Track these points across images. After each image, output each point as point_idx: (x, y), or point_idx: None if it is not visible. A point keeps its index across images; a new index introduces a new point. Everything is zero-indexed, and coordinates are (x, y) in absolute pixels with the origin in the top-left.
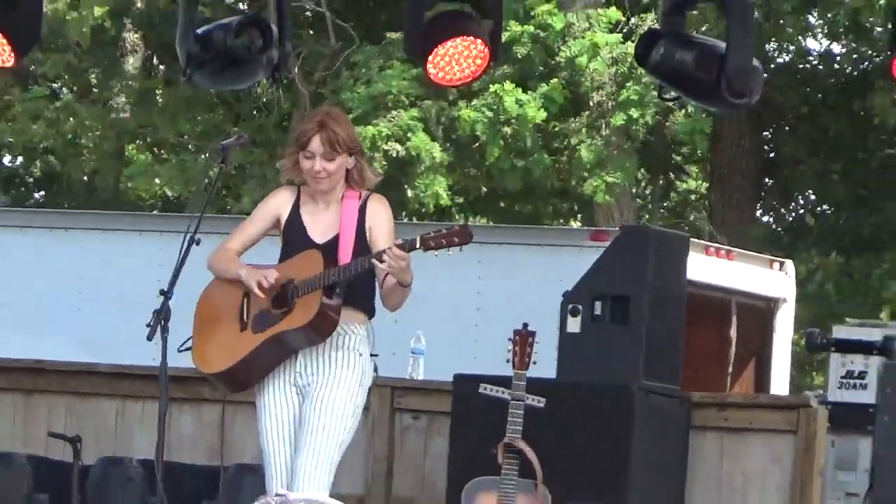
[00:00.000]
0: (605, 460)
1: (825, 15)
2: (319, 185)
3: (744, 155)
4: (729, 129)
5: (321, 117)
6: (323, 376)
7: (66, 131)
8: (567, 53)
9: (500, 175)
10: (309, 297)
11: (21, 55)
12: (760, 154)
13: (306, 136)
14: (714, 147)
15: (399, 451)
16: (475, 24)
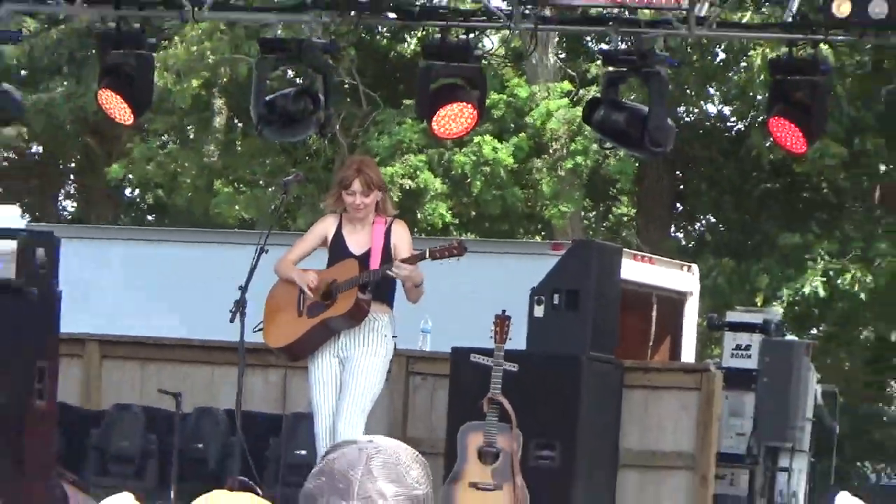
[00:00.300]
0: (562, 409)
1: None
2: (358, 213)
3: (661, 189)
4: (650, 170)
5: (358, 164)
6: (358, 351)
7: (171, 171)
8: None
9: (484, 203)
10: (348, 293)
11: (137, 116)
12: (673, 188)
13: (349, 180)
14: (639, 183)
15: (412, 403)
16: (467, 93)
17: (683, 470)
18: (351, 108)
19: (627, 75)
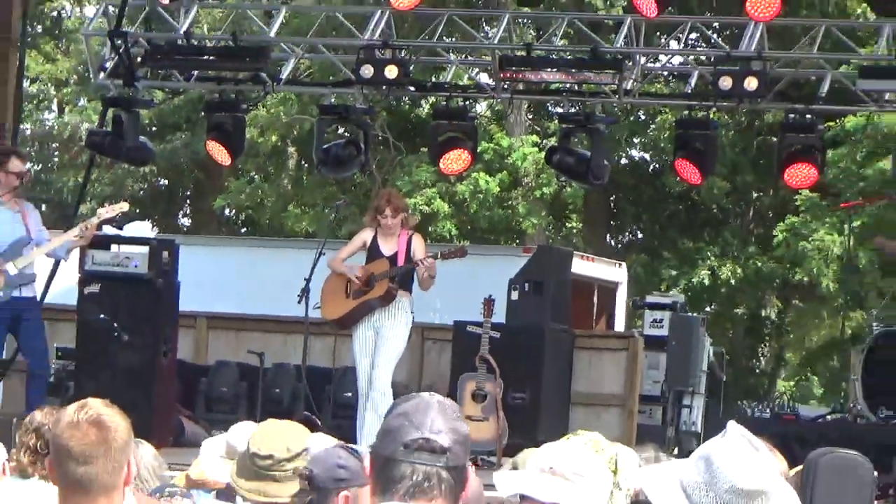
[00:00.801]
0: (530, 364)
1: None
2: (389, 230)
3: (600, 209)
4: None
5: (388, 195)
6: (388, 323)
7: (256, 196)
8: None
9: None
10: (382, 282)
11: (234, 159)
12: (608, 208)
13: (382, 207)
14: (585, 205)
15: (426, 360)
16: (464, 143)
17: (616, 407)
18: (383, 154)
19: (576, 130)
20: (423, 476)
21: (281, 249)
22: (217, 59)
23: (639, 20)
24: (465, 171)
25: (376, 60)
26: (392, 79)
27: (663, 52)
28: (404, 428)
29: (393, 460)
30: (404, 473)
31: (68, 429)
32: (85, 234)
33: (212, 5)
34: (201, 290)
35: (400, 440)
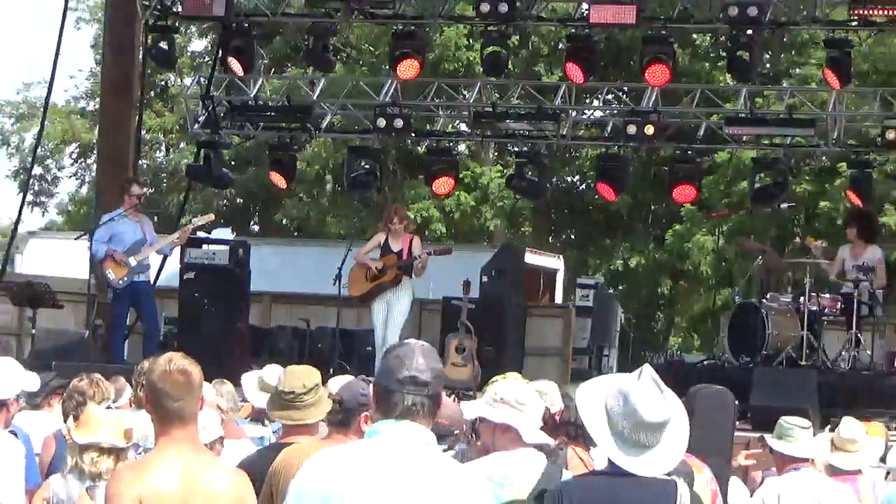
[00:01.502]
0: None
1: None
2: (397, 233)
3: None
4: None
5: (396, 209)
6: (396, 299)
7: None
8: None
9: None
10: (392, 270)
11: (288, 183)
12: (550, 217)
13: (391, 217)
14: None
15: (423, 324)
16: (449, 172)
17: (555, 356)
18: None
19: (527, 163)
20: (412, 402)
21: (321, 248)
22: (276, 114)
23: (570, 85)
24: (451, 193)
25: (388, 115)
26: (399, 128)
27: (588, 108)
28: (397, 367)
29: (389, 390)
30: (398, 400)
31: (162, 376)
32: (183, 237)
33: (272, 77)
34: (266, 276)
35: (394, 376)
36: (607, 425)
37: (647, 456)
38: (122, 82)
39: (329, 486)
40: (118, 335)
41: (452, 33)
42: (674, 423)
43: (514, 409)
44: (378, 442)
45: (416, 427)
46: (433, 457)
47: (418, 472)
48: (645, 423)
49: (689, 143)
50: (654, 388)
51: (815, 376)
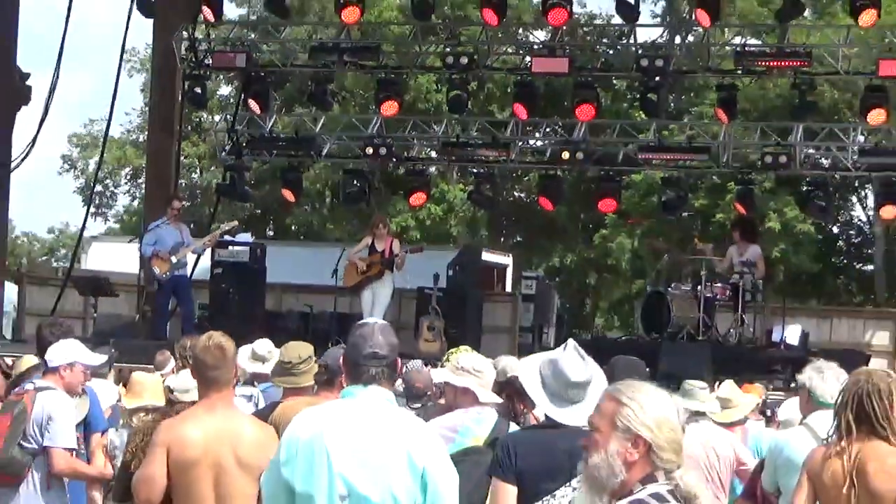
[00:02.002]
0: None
1: (520, 185)
2: (381, 237)
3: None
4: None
5: (381, 219)
6: (380, 289)
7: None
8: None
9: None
10: (377, 266)
11: (296, 198)
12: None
13: (376, 224)
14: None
15: (403, 309)
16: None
17: (506, 334)
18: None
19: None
20: (374, 372)
21: (322, 248)
22: (286, 144)
23: (517, 120)
24: (424, 205)
25: (374, 144)
26: (383, 155)
27: (531, 138)
28: (362, 344)
29: (357, 364)
30: (363, 371)
31: (203, 350)
32: (213, 240)
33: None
34: (278, 271)
35: (360, 352)
36: (542, 387)
37: (574, 409)
38: (165, 119)
39: (314, 434)
40: (162, 318)
41: (425, 80)
42: (595, 383)
43: (472, 376)
44: (351, 401)
45: (379, 389)
46: (393, 411)
47: (382, 423)
48: (571, 383)
49: (610, 165)
50: (577, 356)
51: (710, 349)
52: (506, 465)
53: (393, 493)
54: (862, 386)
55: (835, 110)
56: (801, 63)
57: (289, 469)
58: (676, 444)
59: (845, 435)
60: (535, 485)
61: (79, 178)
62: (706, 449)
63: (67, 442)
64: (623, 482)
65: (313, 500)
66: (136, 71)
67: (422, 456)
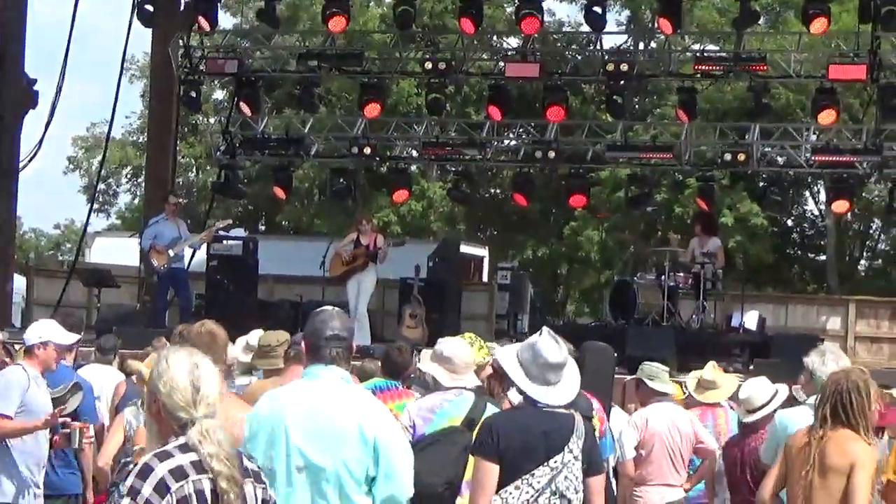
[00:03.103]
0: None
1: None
2: (366, 231)
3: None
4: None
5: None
6: (365, 279)
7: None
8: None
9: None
10: (363, 259)
11: (287, 195)
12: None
13: (361, 220)
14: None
15: (385, 297)
16: (405, 186)
17: (483, 321)
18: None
19: (462, 179)
20: (335, 353)
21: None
22: (277, 144)
23: (492, 122)
24: (406, 201)
25: (360, 144)
26: (367, 154)
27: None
28: (323, 328)
29: (318, 346)
30: (325, 353)
31: (196, 336)
32: (209, 235)
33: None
34: (270, 263)
35: (322, 335)
36: (521, 370)
37: (552, 390)
38: (163, 121)
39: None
40: (161, 307)
41: (406, 84)
42: (569, 365)
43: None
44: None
45: (338, 369)
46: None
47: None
48: (549, 364)
49: (580, 163)
50: (553, 340)
51: (673, 334)
52: (488, 445)
53: (346, 463)
54: (841, 384)
55: (788, 111)
56: (757, 67)
57: (251, 445)
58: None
59: (820, 426)
60: (515, 463)
61: (83, 177)
62: (670, 427)
63: (3, 409)
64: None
65: (274, 472)
66: (135, 77)
67: (372, 428)
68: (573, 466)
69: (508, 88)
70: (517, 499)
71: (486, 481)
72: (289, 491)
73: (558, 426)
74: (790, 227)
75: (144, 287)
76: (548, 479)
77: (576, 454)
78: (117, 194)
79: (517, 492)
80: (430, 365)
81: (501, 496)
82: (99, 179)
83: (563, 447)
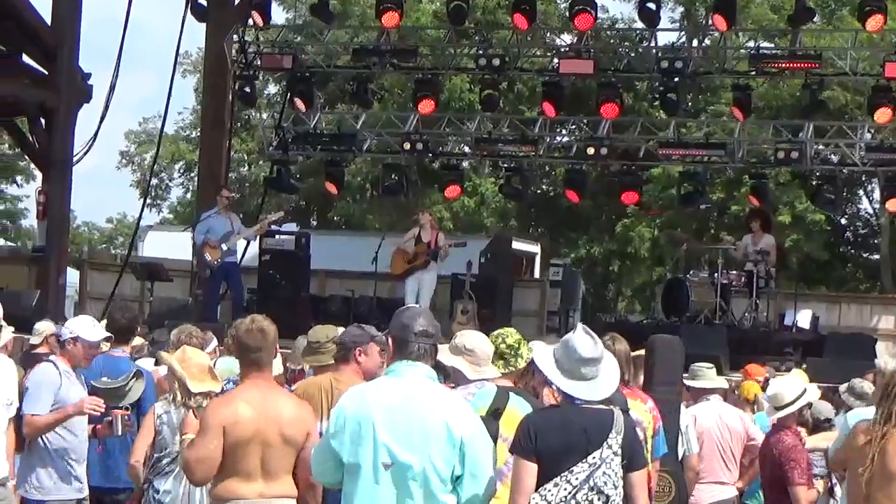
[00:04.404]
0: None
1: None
2: (427, 229)
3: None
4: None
5: (427, 212)
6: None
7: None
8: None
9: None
10: (423, 256)
11: (339, 190)
12: (530, 214)
13: (423, 218)
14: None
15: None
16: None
17: (535, 317)
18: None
19: (514, 175)
20: (422, 350)
21: (363, 237)
22: (329, 139)
23: (546, 118)
24: (458, 197)
25: (412, 140)
26: (419, 150)
27: (558, 135)
28: (411, 324)
29: (406, 341)
30: (412, 348)
31: (246, 333)
32: (261, 229)
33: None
34: (322, 258)
35: (410, 331)
36: (556, 367)
37: (588, 385)
38: (216, 116)
39: (360, 408)
40: (213, 302)
41: (459, 81)
42: (607, 361)
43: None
44: (396, 378)
45: (422, 366)
46: (434, 386)
47: (423, 397)
48: (583, 359)
49: (632, 160)
50: (587, 335)
51: (726, 331)
52: (526, 444)
53: (432, 461)
54: None
55: (843, 109)
56: (812, 65)
57: (337, 441)
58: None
59: (885, 422)
60: (553, 461)
61: (135, 171)
62: (719, 425)
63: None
64: None
65: (360, 469)
66: (189, 72)
67: (460, 428)
68: (612, 462)
69: (562, 85)
70: (555, 496)
71: (524, 480)
72: (375, 487)
73: (597, 422)
74: (844, 226)
75: (196, 281)
76: (586, 476)
77: (615, 450)
78: (169, 188)
79: (556, 489)
80: (454, 358)
81: (540, 493)
82: (152, 174)
83: (602, 443)
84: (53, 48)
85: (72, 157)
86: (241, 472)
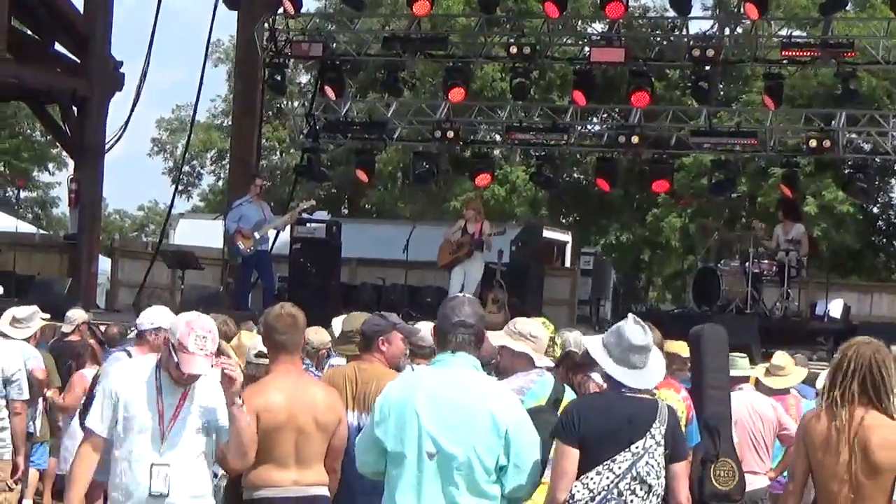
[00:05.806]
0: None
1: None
2: (473, 219)
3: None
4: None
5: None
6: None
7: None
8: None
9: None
10: (467, 247)
11: (369, 178)
12: (561, 202)
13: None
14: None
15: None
16: (487, 170)
17: (565, 306)
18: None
19: (545, 163)
20: (463, 339)
21: (394, 225)
22: (360, 128)
23: (576, 107)
24: (488, 185)
25: (442, 128)
26: (450, 138)
27: (589, 124)
28: (451, 315)
29: (446, 331)
30: (451, 339)
31: (275, 318)
32: (293, 217)
33: (358, 101)
34: (353, 246)
35: (449, 321)
36: (607, 355)
37: (636, 373)
38: (248, 105)
39: (404, 397)
40: (244, 290)
41: (490, 69)
42: (654, 351)
43: (529, 341)
44: (440, 367)
45: (465, 356)
46: (479, 376)
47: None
48: (634, 347)
49: (663, 149)
50: (638, 324)
51: (757, 321)
52: (569, 429)
53: (477, 451)
54: (870, 356)
55: (875, 98)
56: (844, 53)
57: (381, 429)
58: None
59: (847, 404)
60: (596, 449)
61: (167, 159)
62: (750, 413)
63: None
64: None
65: (404, 457)
66: (220, 61)
67: (505, 418)
68: (655, 452)
69: (593, 73)
70: (598, 484)
71: (566, 466)
72: (419, 476)
73: (641, 411)
74: (876, 215)
75: (228, 269)
76: (629, 465)
77: (658, 440)
78: (201, 176)
79: (598, 477)
80: (520, 343)
81: (582, 482)
82: (183, 161)
83: (646, 433)
84: (85, 37)
85: (104, 145)
86: (275, 459)
